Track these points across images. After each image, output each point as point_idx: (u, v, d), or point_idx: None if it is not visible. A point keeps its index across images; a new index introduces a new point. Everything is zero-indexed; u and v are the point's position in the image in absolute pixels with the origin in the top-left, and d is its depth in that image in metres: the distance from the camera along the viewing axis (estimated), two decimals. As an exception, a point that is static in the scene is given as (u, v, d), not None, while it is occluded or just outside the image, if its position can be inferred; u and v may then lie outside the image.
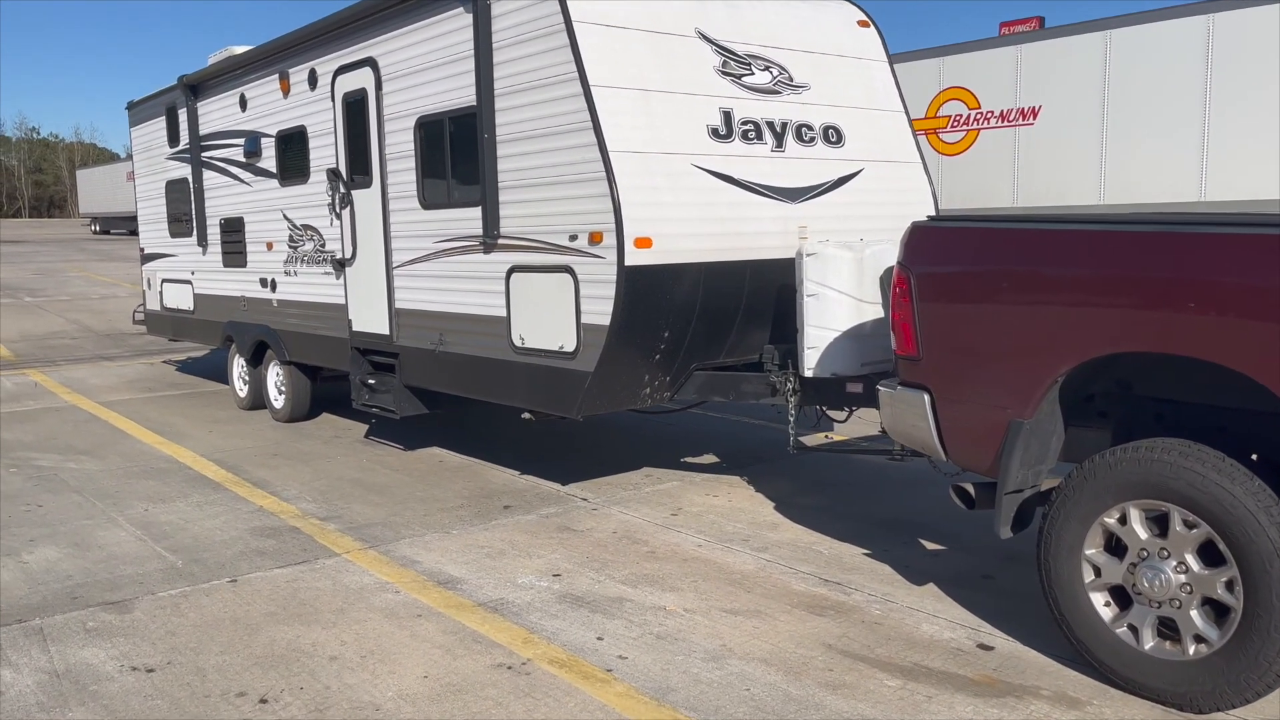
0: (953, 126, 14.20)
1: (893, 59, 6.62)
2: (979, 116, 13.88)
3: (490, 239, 5.75)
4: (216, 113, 8.87)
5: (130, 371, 11.31)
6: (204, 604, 4.41)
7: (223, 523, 5.59)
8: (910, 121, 6.57)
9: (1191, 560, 3.24)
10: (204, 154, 9.14)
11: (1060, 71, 12.87)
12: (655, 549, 5.05)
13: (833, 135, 6.07)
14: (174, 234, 9.91)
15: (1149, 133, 12.06)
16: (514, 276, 5.65)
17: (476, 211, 5.82)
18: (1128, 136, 12.27)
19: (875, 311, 5.21)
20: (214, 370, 10.88)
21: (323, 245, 7.45)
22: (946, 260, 3.89)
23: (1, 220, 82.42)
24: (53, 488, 6.35)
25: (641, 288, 5.06)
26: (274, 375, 8.43)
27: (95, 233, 46.22)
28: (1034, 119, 13.23)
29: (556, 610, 4.28)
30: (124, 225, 40.30)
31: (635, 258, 5.00)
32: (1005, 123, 13.56)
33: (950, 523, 5.34)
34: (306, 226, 7.64)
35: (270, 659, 3.85)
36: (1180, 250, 3.19)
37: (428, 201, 6.28)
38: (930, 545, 5.06)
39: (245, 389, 8.89)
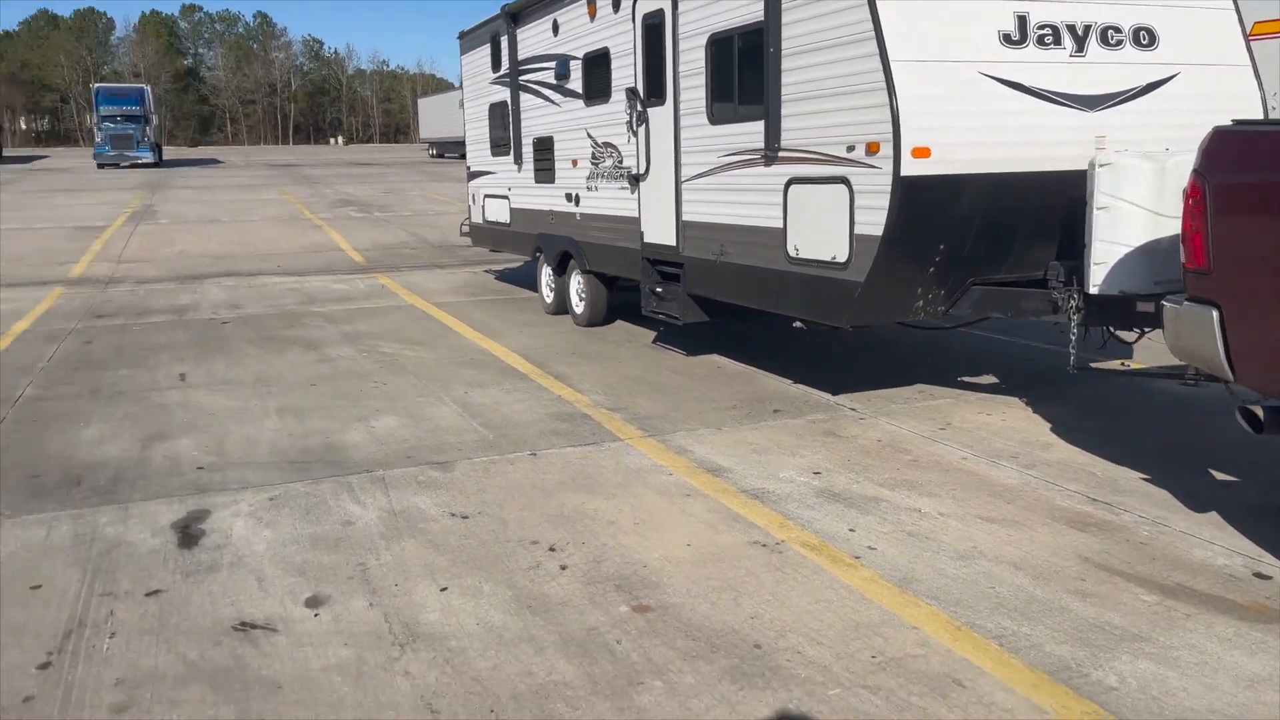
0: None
1: (1226, -52, 5.97)
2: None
3: (771, 152, 5.96)
4: (532, 38, 9.63)
5: (457, 278, 12.70)
6: (508, 470, 5.11)
7: (527, 407, 6.34)
8: (1241, 19, 5.92)
9: None
10: (520, 78, 9.98)
11: None
12: (918, 458, 5.15)
13: (1144, 37, 5.63)
14: (494, 153, 10.94)
15: None
16: (791, 189, 5.83)
17: (759, 125, 6.03)
18: None
19: (1175, 227, 4.88)
20: (526, 280, 11.97)
21: (620, 161, 7.98)
22: (1247, 168, 3.62)
23: (358, 145, 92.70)
24: (394, 370, 7.45)
25: (917, 199, 5.08)
26: (576, 284, 9.20)
27: (432, 156, 51.00)
28: None
29: (813, 503, 4.55)
30: (456, 150, 44.15)
31: (911, 168, 5.01)
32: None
33: (1250, 454, 4.98)
34: (607, 144, 8.21)
35: (559, 518, 4.44)
36: None
37: (715, 117, 6.57)
38: (1221, 476, 4.77)
39: (551, 296, 9.78)
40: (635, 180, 7.72)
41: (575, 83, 8.74)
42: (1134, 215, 4.90)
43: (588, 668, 3.16)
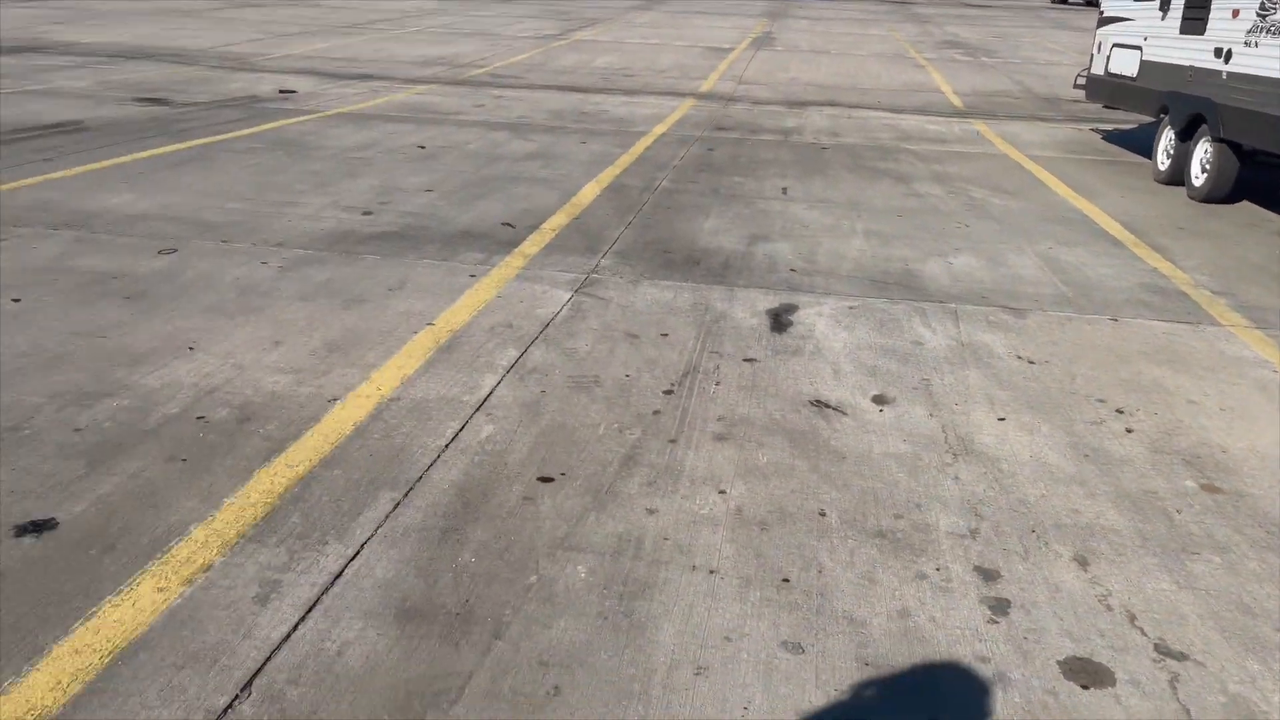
0: None
1: None
2: None
3: None
4: None
5: (1059, 133, 11.95)
6: (1084, 329, 4.97)
7: (1114, 272, 6.00)
8: None
9: None
10: (1190, -90, 8.75)
11: None
12: None
13: None
14: (1135, -3, 9.87)
15: None
16: None
17: None
18: None
19: None
20: (1137, 143, 10.88)
21: (1298, 12, 6.78)
22: None
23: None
24: (979, 214, 7.44)
25: None
26: (1201, 152, 8.19)
27: (1053, 2, 46.90)
28: None
29: None
30: (1081, -5, 40.06)
31: None
32: None
33: None
34: (1285, -10, 6.99)
35: (1131, 384, 4.27)
36: None
37: None
38: None
39: (1167, 162, 8.83)
40: (1313, 36, 6.53)
41: (1260, -85, 7.46)
42: None
43: (1139, 524, 3.14)
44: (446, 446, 3.49)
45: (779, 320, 4.97)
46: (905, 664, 2.47)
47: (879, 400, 4.04)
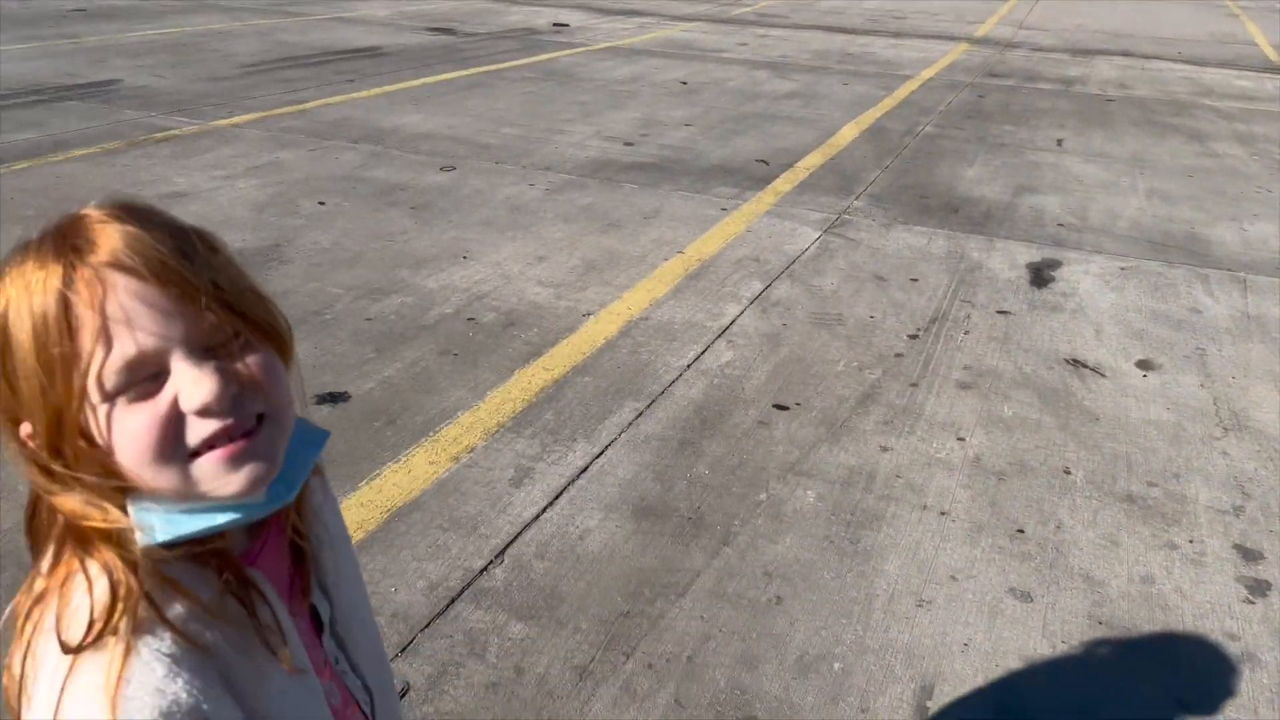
0: None
1: None
2: None
3: None
4: None
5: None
6: (1402, 312, 4.40)
7: None
8: None
9: None
10: None
11: None
12: None
13: None
14: None
15: None
16: None
17: None
18: None
19: None
20: None
21: None
22: None
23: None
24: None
25: None
26: None
27: None
28: None
29: None
30: None
31: None
32: None
33: None
34: None
35: None
36: None
37: None
38: None
39: None
40: None
41: None
42: None
43: None
44: (688, 367, 3.64)
45: (1040, 275, 4.73)
46: (1143, 629, 2.38)
47: (1144, 365, 3.80)
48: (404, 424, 3.16)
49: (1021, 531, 2.74)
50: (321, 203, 5.31)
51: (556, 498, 2.81)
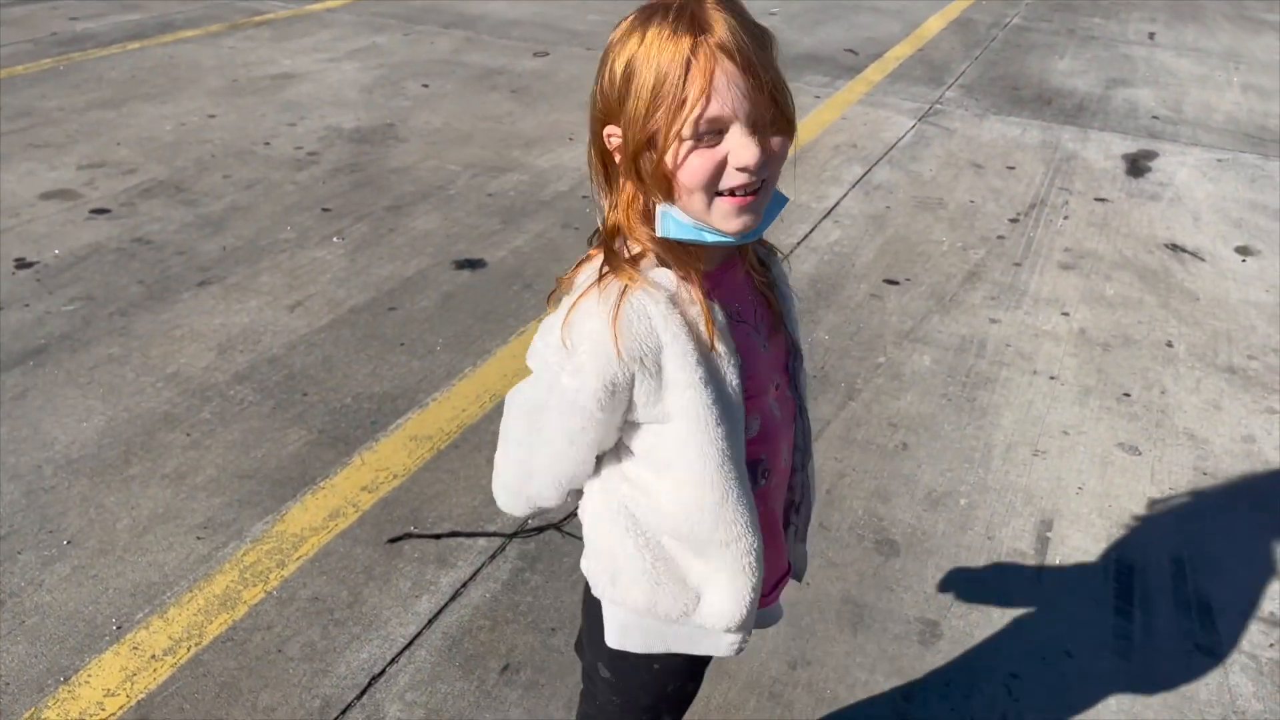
0: None
1: None
2: None
3: None
4: None
5: None
6: None
7: None
8: None
9: None
10: None
11: None
12: None
13: None
14: None
15: None
16: None
17: None
18: None
19: None
20: None
21: None
22: None
23: None
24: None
25: None
26: None
27: None
28: None
29: None
30: None
31: None
32: None
33: None
34: None
35: None
36: None
37: None
38: None
39: None
40: None
41: None
42: None
43: None
44: (798, 244, 3.81)
45: (1136, 165, 4.79)
46: (1245, 479, 2.57)
47: (1243, 251, 3.90)
48: (539, 287, 3.38)
49: (1128, 395, 2.92)
50: (425, 85, 5.47)
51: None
